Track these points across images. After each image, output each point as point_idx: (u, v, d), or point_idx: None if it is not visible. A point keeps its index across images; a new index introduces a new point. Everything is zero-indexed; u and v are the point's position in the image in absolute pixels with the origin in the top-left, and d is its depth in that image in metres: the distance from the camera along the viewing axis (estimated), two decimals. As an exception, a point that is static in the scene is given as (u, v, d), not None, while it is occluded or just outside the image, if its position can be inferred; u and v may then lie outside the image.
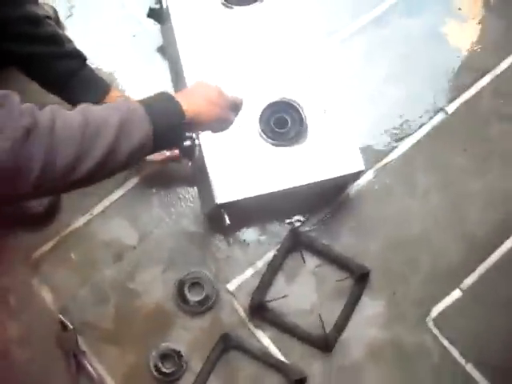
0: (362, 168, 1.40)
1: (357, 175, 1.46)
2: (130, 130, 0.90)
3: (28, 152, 0.78)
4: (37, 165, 0.79)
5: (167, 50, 1.64)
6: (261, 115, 1.41)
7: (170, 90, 1.60)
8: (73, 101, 1.25)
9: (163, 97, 1.00)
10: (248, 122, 1.40)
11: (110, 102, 1.27)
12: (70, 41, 1.24)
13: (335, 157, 1.39)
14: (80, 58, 1.26)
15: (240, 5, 1.47)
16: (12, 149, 0.76)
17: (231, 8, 1.46)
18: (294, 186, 1.36)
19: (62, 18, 1.65)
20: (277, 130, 1.40)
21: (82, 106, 0.89)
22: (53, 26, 1.21)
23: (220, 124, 1.14)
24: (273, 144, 1.39)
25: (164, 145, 1.01)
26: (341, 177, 1.40)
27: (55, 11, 1.62)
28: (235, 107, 1.18)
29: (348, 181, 1.54)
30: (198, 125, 1.05)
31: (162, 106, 0.98)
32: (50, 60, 1.21)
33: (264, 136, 1.39)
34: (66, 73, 1.24)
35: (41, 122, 0.80)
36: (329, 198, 1.56)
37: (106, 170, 0.90)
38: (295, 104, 1.42)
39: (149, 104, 0.95)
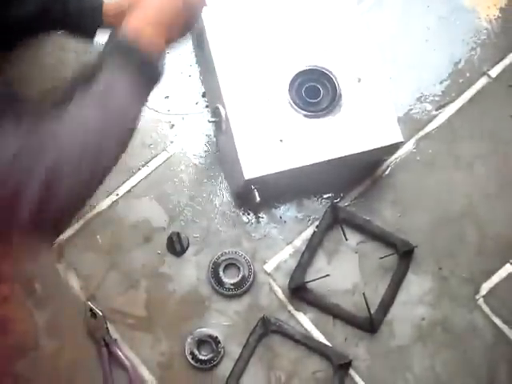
0: (401, 139, 1.31)
1: (395, 147, 1.37)
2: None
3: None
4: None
5: None
6: (290, 85, 1.32)
7: (193, 61, 1.52)
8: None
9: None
10: (277, 92, 1.31)
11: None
12: None
13: (371, 128, 1.30)
14: None
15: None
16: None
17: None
18: (327, 160, 1.28)
19: None
20: (308, 100, 1.31)
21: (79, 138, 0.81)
22: None
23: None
24: (304, 115, 1.30)
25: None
26: (378, 149, 1.31)
27: None
28: None
29: (386, 153, 1.45)
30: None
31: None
32: None
33: (295, 107, 1.31)
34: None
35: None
36: (368, 171, 1.47)
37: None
38: (327, 72, 1.33)
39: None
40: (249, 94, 1.30)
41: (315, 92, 1.33)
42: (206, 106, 1.50)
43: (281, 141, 1.28)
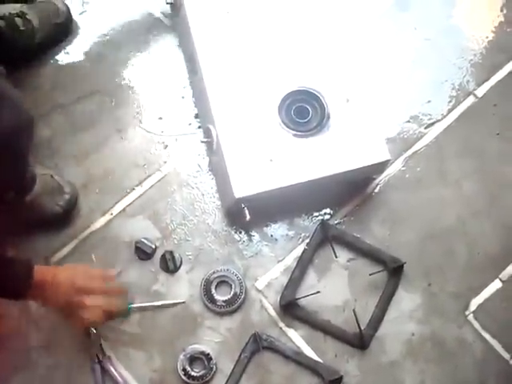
0: (388, 157, 1.34)
1: (383, 165, 1.40)
2: None
3: None
4: None
5: (181, 40, 1.59)
6: (280, 105, 1.35)
7: (186, 83, 1.56)
8: None
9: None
10: (267, 112, 1.34)
11: None
12: None
13: (359, 147, 1.34)
14: None
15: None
16: None
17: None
18: (316, 178, 1.31)
19: (74, 14, 1.60)
20: (297, 120, 1.35)
21: None
22: None
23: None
24: (294, 135, 1.34)
25: None
26: (366, 167, 1.34)
27: (67, 8, 1.57)
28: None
29: (374, 171, 1.47)
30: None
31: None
32: None
33: (284, 127, 1.34)
34: None
35: None
36: (358, 189, 1.50)
37: None
38: (316, 93, 1.37)
39: None
40: (239, 114, 1.34)
41: (304, 112, 1.36)
42: (199, 127, 1.53)
43: (271, 160, 1.31)
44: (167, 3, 1.51)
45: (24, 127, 1.05)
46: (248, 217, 1.30)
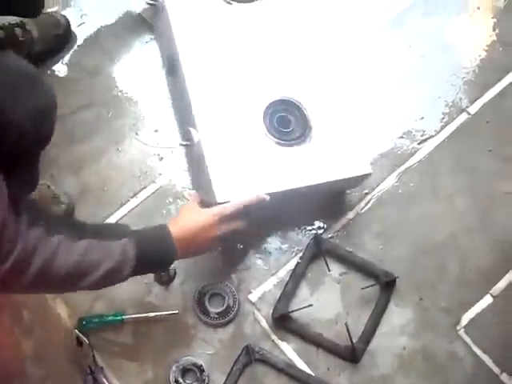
0: (369, 171, 1.35)
1: (363, 178, 1.40)
2: (115, 276, 1.03)
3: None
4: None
5: (161, 41, 1.59)
6: (264, 113, 1.36)
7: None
8: None
9: (160, 238, 1.11)
10: (251, 119, 1.35)
11: None
12: None
13: (341, 159, 1.35)
14: None
15: (241, 2, 1.44)
16: None
17: (231, 4, 1.43)
18: (295, 188, 1.31)
19: (73, 25, 1.62)
20: (280, 129, 1.36)
21: (85, 244, 0.98)
22: None
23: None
24: (277, 143, 1.34)
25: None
26: (347, 179, 1.35)
27: (67, 20, 1.59)
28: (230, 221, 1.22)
29: (356, 184, 1.48)
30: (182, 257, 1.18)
31: (155, 253, 1.10)
32: None
33: (268, 135, 1.34)
34: None
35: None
36: (351, 203, 1.51)
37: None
38: (298, 103, 1.38)
39: (143, 250, 1.05)
40: (222, 121, 1.33)
41: (286, 122, 1.37)
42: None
43: (253, 166, 1.30)
44: (148, 4, 1.51)
45: (52, 109, 1.08)
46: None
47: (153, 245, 1.09)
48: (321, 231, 1.48)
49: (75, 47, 1.63)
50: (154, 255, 1.09)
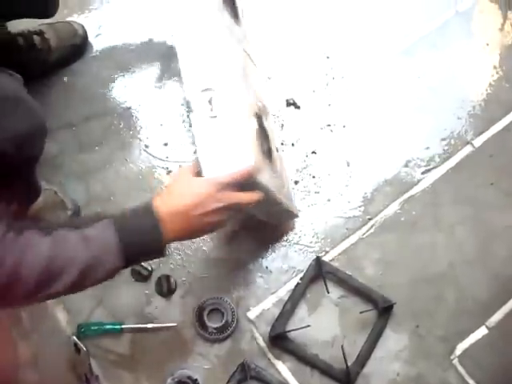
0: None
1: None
2: (96, 268, 0.94)
3: None
4: None
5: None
6: None
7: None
8: None
9: (145, 221, 1.00)
10: None
11: None
12: None
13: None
14: None
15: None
16: None
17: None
18: None
19: (90, 36, 1.65)
20: None
21: (56, 237, 0.91)
22: None
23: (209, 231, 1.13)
24: None
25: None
26: None
27: (85, 30, 1.62)
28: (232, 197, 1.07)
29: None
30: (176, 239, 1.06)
31: (140, 236, 0.98)
32: None
33: None
34: None
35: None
36: (353, 229, 1.53)
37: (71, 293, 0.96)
38: None
39: (125, 235, 0.96)
40: None
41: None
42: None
43: None
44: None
45: (38, 132, 1.04)
46: None
47: (133, 230, 0.98)
48: (322, 254, 1.50)
49: (91, 57, 1.66)
50: (135, 239, 0.98)
